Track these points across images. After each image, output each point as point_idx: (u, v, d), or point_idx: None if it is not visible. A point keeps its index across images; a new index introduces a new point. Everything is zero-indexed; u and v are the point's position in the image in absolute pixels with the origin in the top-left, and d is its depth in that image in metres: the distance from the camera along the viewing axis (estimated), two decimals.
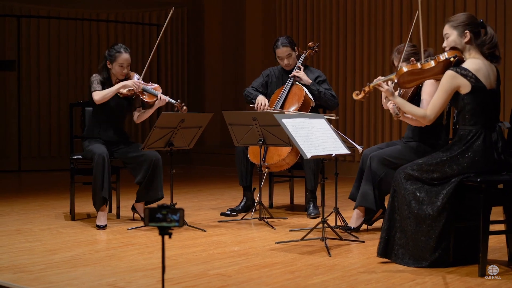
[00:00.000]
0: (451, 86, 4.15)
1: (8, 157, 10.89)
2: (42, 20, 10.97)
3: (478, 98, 4.13)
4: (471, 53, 4.23)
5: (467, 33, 4.21)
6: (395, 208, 4.29)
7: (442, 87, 4.18)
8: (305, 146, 4.64)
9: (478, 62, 4.17)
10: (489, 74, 4.17)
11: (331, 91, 6.44)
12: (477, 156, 4.09)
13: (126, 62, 5.92)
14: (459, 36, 4.23)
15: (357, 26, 9.99)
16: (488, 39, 4.21)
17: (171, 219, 2.83)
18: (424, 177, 4.18)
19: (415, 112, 4.35)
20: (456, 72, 4.13)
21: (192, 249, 4.78)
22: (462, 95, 4.15)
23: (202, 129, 5.78)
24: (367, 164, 5.29)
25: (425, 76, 4.35)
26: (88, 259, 4.47)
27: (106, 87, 5.86)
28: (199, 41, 12.34)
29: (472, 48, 4.23)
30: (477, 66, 4.14)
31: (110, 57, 5.91)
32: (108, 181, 5.69)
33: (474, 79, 4.11)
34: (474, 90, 4.12)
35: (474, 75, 4.11)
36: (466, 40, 4.22)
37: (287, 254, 4.62)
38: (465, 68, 4.14)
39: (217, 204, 7.07)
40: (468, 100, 4.14)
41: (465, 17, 4.26)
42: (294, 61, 6.51)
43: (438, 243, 4.11)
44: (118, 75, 5.93)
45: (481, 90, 4.12)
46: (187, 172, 11.15)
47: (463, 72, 4.13)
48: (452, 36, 4.26)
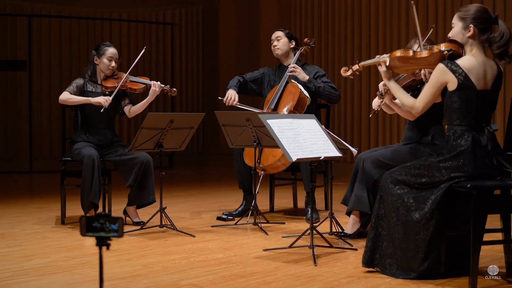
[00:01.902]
0: (439, 80, 3.88)
1: (19, 158, 10.79)
2: (53, 20, 10.86)
3: (464, 97, 3.84)
4: (473, 49, 3.92)
5: (471, 27, 3.90)
6: (382, 215, 4.02)
7: (431, 80, 3.93)
8: (291, 148, 4.38)
9: (473, 61, 3.87)
10: (485, 74, 3.86)
11: (331, 83, 6.19)
12: (467, 160, 3.80)
13: (114, 56, 5.77)
14: (463, 29, 3.93)
15: (372, 24, 9.69)
16: (498, 37, 3.88)
17: (109, 229, 2.60)
18: (412, 182, 3.90)
19: (405, 100, 4.11)
20: (446, 66, 3.85)
21: (173, 256, 4.55)
22: (449, 92, 3.88)
23: (194, 130, 5.56)
24: (360, 166, 5.02)
25: (417, 64, 4.11)
26: (60, 266, 4.26)
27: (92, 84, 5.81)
28: (214, 40, 12.12)
29: (475, 44, 3.92)
30: (470, 65, 3.84)
31: (98, 52, 5.76)
32: (97, 184, 5.50)
33: (463, 77, 3.82)
34: (460, 87, 3.84)
35: (464, 72, 3.82)
36: (469, 34, 3.92)
37: (271, 262, 4.36)
38: (456, 64, 3.85)
39: (218, 207, 6.84)
40: (454, 98, 3.87)
41: (475, 10, 3.93)
42: (284, 47, 6.36)
43: (427, 252, 3.82)
44: (105, 69, 5.76)
45: (469, 89, 3.83)
46: (199, 173, 10.95)
47: (453, 67, 3.84)
48: (456, 28, 3.96)
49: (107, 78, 5.81)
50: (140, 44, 11.43)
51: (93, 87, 5.80)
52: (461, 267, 3.94)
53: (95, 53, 5.79)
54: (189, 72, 12.04)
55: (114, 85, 5.73)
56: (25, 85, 10.67)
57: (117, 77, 5.81)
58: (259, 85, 6.48)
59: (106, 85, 5.77)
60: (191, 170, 11.39)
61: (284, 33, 6.39)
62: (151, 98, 5.74)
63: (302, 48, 6.38)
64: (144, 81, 5.81)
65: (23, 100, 10.67)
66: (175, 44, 11.82)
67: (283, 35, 6.38)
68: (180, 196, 7.95)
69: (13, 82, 10.66)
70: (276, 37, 6.40)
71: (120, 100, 5.85)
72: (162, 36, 11.73)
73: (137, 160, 5.61)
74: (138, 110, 5.85)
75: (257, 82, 6.47)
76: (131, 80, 5.79)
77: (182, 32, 11.91)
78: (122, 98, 5.86)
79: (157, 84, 5.76)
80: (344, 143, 4.92)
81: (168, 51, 11.74)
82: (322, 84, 6.11)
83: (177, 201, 7.44)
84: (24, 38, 10.66)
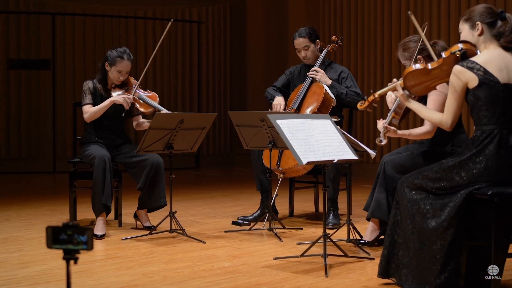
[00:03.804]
0: (460, 83, 3.57)
1: (43, 158, 10.66)
2: (77, 18, 10.70)
3: (488, 93, 3.52)
4: (487, 45, 3.64)
5: (478, 24, 3.63)
6: (398, 222, 3.71)
7: (451, 87, 3.62)
8: (301, 151, 4.08)
9: (490, 53, 3.58)
10: (506, 66, 3.55)
11: (356, 88, 5.85)
12: (489, 161, 3.47)
13: (125, 70, 5.49)
14: (471, 29, 3.67)
15: (402, 21, 9.34)
16: (508, 30, 3.60)
17: (78, 241, 2.34)
18: (430, 187, 3.58)
19: (433, 118, 3.83)
20: (462, 66, 3.55)
21: (177, 265, 4.29)
22: (471, 91, 3.56)
23: (206, 130, 5.29)
24: (381, 169, 4.70)
25: (434, 78, 3.79)
26: (56, 275, 4.03)
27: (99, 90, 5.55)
28: (241, 38, 11.85)
29: (488, 40, 3.64)
30: (487, 57, 3.55)
31: (110, 60, 5.48)
32: (109, 186, 5.27)
33: (482, 72, 3.50)
34: (482, 83, 3.52)
35: (482, 67, 3.51)
36: (478, 32, 3.64)
37: (279, 273, 4.07)
38: (471, 60, 3.55)
39: (237, 211, 6.57)
40: (477, 96, 3.54)
41: (477, 9, 3.70)
42: (313, 54, 5.97)
43: (444, 264, 3.49)
44: (114, 80, 5.51)
45: (492, 84, 3.51)
46: (225, 174, 10.70)
47: (469, 65, 3.53)
48: (464, 31, 3.72)
49: (116, 86, 5.55)
50: (166, 43, 11.23)
51: (104, 92, 5.56)
52: (484, 281, 3.60)
53: (106, 59, 5.50)
54: (216, 72, 11.79)
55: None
56: (49, 84, 10.53)
57: (127, 88, 5.55)
58: (288, 88, 6.18)
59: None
60: (218, 171, 11.15)
61: (308, 39, 5.96)
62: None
63: (329, 47, 6.05)
64: (153, 104, 5.49)
65: (46, 99, 10.53)
66: (201, 42, 11.58)
67: (308, 41, 5.96)
68: (200, 198, 7.71)
69: (36, 81, 10.52)
70: (303, 47, 5.98)
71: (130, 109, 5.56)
72: (189, 34, 11.48)
73: (148, 162, 5.37)
74: (145, 127, 5.53)
75: (287, 87, 6.17)
76: (140, 98, 5.49)
77: (209, 30, 11.66)
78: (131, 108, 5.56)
79: None
80: (362, 145, 4.61)
81: (195, 50, 11.51)
82: (345, 91, 5.78)
83: (196, 203, 7.20)
84: (47, 37, 10.51)
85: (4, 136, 10.42)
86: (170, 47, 11.29)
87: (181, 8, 11.45)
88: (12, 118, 10.43)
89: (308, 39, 5.95)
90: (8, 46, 10.37)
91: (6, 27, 10.34)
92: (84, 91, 5.54)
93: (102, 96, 5.53)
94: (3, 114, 10.38)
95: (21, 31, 10.41)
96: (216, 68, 11.78)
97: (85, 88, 5.54)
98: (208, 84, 11.69)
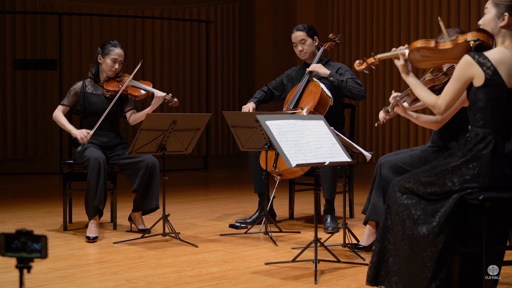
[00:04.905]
0: (465, 74, 3.37)
1: (50, 158, 10.60)
2: (84, 18, 10.63)
3: (491, 95, 3.34)
4: (505, 41, 3.41)
5: (506, 15, 3.41)
6: (389, 227, 3.54)
7: (455, 74, 3.41)
8: (291, 153, 3.94)
9: (504, 53, 3.36)
10: None
11: (356, 79, 5.71)
12: (483, 168, 3.30)
13: (119, 57, 5.42)
14: (496, 16, 3.43)
15: (411, 20, 9.17)
16: None
17: (32, 249, 2.23)
18: (421, 191, 3.42)
19: (426, 98, 3.59)
20: (473, 58, 3.34)
21: (164, 270, 4.16)
22: (474, 88, 3.37)
23: (200, 131, 5.17)
24: (377, 171, 4.55)
25: (440, 57, 3.56)
26: (37, 279, 3.92)
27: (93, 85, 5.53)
28: (250, 37, 11.73)
29: (508, 35, 3.41)
30: (501, 57, 3.34)
31: (102, 51, 5.42)
32: (103, 189, 5.17)
33: (491, 71, 3.31)
34: (487, 83, 3.33)
35: (493, 66, 3.31)
36: (503, 24, 3.41)
37: (268, 279, 3.94)
38: (485, 56, 3.34)
39: (237, 213, 6.45)
40: (479, 95, 3.36)
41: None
42: (310, 49, 5.87)
43: (435, 272, 3.33)
44: (108, 70, 5.43)
45: (497, 86, 3.32)
46: (232, 176, 10.57)
47: (481, 60, 3.33)
48: (489, 15, 3.46)
49: (109, 79, 5.48)
50: (174, 42, 11.13)
51: (94, 89, 5.49)
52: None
53: (99, 51, 5.47)
54: (225, 71, 11.67)
55: (116, 89, 5.40)
56: (56, 85, 10.47)
57: (120, 80, 5.47)
58: (282, 90, 6.11)
59: (107, 88, 5.45)
60: (226, 172, 11.03)
61: (306, 33, 5.90)
62: (153, 107, 5.37)
63: (326, 45, 5.93)
64: (146, 87, 5.43)
65: (53, 99, 10.45)
66: (210, 42, 11.46)
67: (305, 35, 5.89)
68: (202, 200, 7.60)
69: (43, 81, 10.46)
70: (299, 41, 5.91)
71: (124, 104, 5.51)
72: (197, 34, 11.37)
73: (143, 163, 5.26)
74: (140, 119, 5.45)
75: (279, 89, 6.09)
76: (133, 85, 5.42)
77: (218, 30, 11.54)
78: (125, 103, 5.52)
79: (160, 96, 5.35)
80: (357, 147, 4.47)
81: (203, 49, 11.39)
82: (345, 78, 5.66)
83: (197, 205, 7.08)
84: (54, 37, 10.45)
85: (11, 137, 10.37)
86: (179, 47, 11.19)
87: (189, 8, 11.35)
88: (19, 118, 10.38)
89: (305, 33, 5.86)
90: (14, 46, 10.32)
91: (13, 27, 10.29)
92: (69, 91, 5.54)
93: (91, 93, 5.45)
94: (9, 114, 10.33)
95: (27, 31, 10.35)
96: (225, 67, 11.66)
97: (72, 88, 5.55)
98: (217, 84, 11.58)
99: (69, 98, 5.49)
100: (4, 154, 10.38)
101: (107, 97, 5.45)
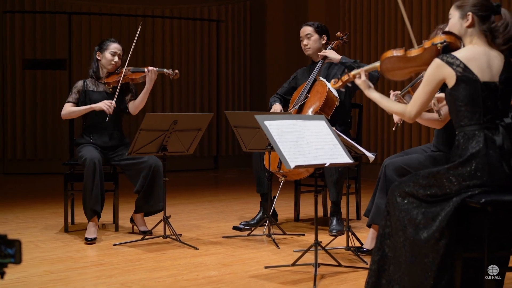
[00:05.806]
0: (435, 77, 3.30)
1: (59, 159, 10.52)
2: (94, 17, 10.56)
3: (467, 92, 3.25)
4: (473, 39, 3.36)
5: (470, 15, 3.34)
6: (388, 234, 3.42)
7: (425, 78, 3.36)
8: (290, 154, 3.83)
9: (472, 50, 3.30)
10: (489, 65, 3.26)
11: None
12: (479, 164, 3.19)
13: (118, 51, 5.38)
14: (460, 18, 3.38)
15: (423, 20, 9.02)
16: (502, 27, 3.31)
17: (5, 254, 2.13)
18: (421, 194, 3.30)
19: (394, 108, 3.57)
20: (442, 60, 3.28)
21: (161, 273, 4.07)
22: (449, 90, 3.29)
23: (202, 131, 5.08)
24: (382, 172, 4.44)
25: (412, 65, 3.53)
26: (30, 283, 3.85)
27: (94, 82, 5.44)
28: (261, 36, 11.62)
29: (475, 33, 3.35)
30: (470, 54, 3.27)
31: (100, 47, 5.38)
32: (99, 189, 5.09)
33: (461, 68, 3.23)
34: (460, 80, 3.25)
35: (462, 63, 3.23)
36: (467, 24, 3.35)
37: (266, 283, 3.84)
38: (453, 55, 3.27)
39: (243, 215, 6.35)
40: (456, 95, 3.27)
41: None
42: (315, 44, 5.80)
43: (437, 279, 3.21)
44: (107, 65, 5.37)
45: (470, 81, 3.23)
46: (241, 176, 10.45)
47: (450, 60, 3.26)
48: (453, 18, 3.43)
49: (110, 75, 5.42)
50: (184, 42, 11.05)
51: (95, 86, 5.42)
52: None
53: (97, 48, 5.42)
54: (236, 71, 11.57)
55: (116, 79, 5.34)
56: (65, 85, 10.40)
57: (119, 72, 5.41)
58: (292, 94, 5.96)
59: (108, 81, 5.38)
60: (235, 172, 10.93)
61: (313, 29, 5.82)
62: (150, 85, 5.30)
63: (333, 43, 5.82)
64: (141, 68, 5.39)
65: (62, 99, 10.31)
66: (221, 42, 11.37)
67: (313, 31, 5.81)
68: (208, 200, 7.51)
69: (52, 81, 10.41)
70: (305, 35, 5.84)
71: (124, 95, 5.44)
72: (208, 33, 11.28)
73: (146, 164, 5.18)
74: (140, 104, 5.39)
75: (289, 93, 5.94)
76: (132, 71, 5.39)
77: (229, 29, 11.45)
78: (126, 93, 5.45)
79: (152, 69, 5.29)
80: (360, 148, 4.35)
81: (214, 49, 11.30)
82: (357, 62, 5.52)
83: (202, 206, 6.99)
84: (63, 36, 10.40)
85: (20, 137, 10.33)
86: (189, 46, 11.10)
87: (199, 7, 11.26)
88: (28, 118, 10.33)
89: (313, 29, 5.79)
90: (24, 46, 10.27)
91: (22, 27, 10.25)
92: (72, 89, 5.46)
93: (93, 91, 5.39)
94: (19, 115, 10.29)
95: (37, 30, 10.31)
96: (236, 67, 11.56)
97: (75, 86, 5.46)
98: (228, 84, 11.48)
99: (72, 95, 5.42)
100: (13, 154, 10.34)
101: (108, 93, 5.39)
